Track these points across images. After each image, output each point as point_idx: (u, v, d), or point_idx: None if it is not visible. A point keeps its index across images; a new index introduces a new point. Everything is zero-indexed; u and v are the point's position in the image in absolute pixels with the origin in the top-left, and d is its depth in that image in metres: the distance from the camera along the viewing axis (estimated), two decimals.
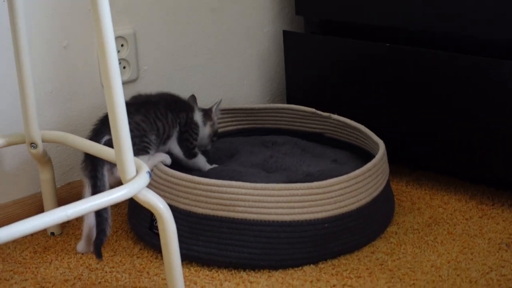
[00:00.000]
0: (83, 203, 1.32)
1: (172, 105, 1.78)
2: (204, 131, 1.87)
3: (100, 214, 1.56)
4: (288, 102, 2.20)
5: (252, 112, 2.09)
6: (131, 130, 1.37)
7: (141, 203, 1.43)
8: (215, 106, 1.90)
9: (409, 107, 1.92)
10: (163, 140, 1.74)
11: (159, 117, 1.73)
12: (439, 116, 1.86)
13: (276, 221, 1.55)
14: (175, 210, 1.49)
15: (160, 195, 1.46)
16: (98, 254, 1.57)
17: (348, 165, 1.83)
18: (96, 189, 1.58)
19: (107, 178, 1.60)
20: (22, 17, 1.57)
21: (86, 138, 1.67)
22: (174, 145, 1.79)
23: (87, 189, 1.61)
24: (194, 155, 1.82)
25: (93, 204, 1.33)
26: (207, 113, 1.89)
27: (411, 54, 1.87)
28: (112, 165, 1.58)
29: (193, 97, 1.93)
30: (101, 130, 1.65)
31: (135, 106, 1.70)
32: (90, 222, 1.62)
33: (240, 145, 1.99)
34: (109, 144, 1.55)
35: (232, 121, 2.10)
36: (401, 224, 1.77)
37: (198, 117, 1.85)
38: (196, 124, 1.83)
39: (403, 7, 1.87)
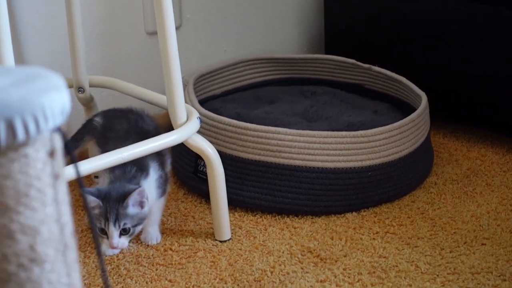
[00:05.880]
0: (137, 147, 1.35)
1: None
2: None
3: None
4: (327, 53, 2.21)
5: (292, 62, 2.10)
6: None
7: (191, 148, 1.46)
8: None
9: (448, 60, 1.92)
10: None
11: None
12: (475, 70, 1.87)
13: (321, 168, 1.58)
14: (221, 155, 1.51)
15: (207, 140, 1.48)
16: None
17: (388, 116, 1.85)
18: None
19: None
20: None
21: None
22: None
23: None
24: None
25: (146, 148, 1.36)
26: None
27: (452, 7, 1.87)
28: None
29: None
30: None
31: None
32: None
33: (280, 94, 2.00)
34: None
35: (271, 70, 2.11)
36: (440, 175, 1.79)
37: None
38: None
39: None
